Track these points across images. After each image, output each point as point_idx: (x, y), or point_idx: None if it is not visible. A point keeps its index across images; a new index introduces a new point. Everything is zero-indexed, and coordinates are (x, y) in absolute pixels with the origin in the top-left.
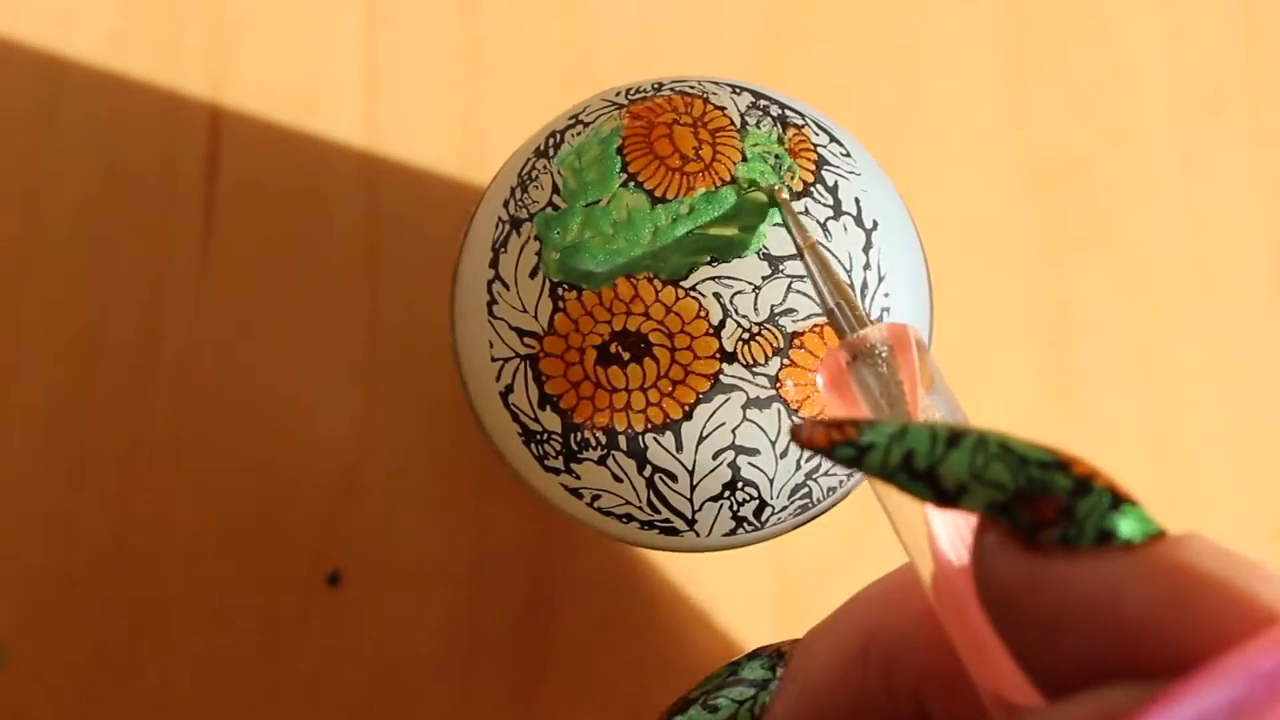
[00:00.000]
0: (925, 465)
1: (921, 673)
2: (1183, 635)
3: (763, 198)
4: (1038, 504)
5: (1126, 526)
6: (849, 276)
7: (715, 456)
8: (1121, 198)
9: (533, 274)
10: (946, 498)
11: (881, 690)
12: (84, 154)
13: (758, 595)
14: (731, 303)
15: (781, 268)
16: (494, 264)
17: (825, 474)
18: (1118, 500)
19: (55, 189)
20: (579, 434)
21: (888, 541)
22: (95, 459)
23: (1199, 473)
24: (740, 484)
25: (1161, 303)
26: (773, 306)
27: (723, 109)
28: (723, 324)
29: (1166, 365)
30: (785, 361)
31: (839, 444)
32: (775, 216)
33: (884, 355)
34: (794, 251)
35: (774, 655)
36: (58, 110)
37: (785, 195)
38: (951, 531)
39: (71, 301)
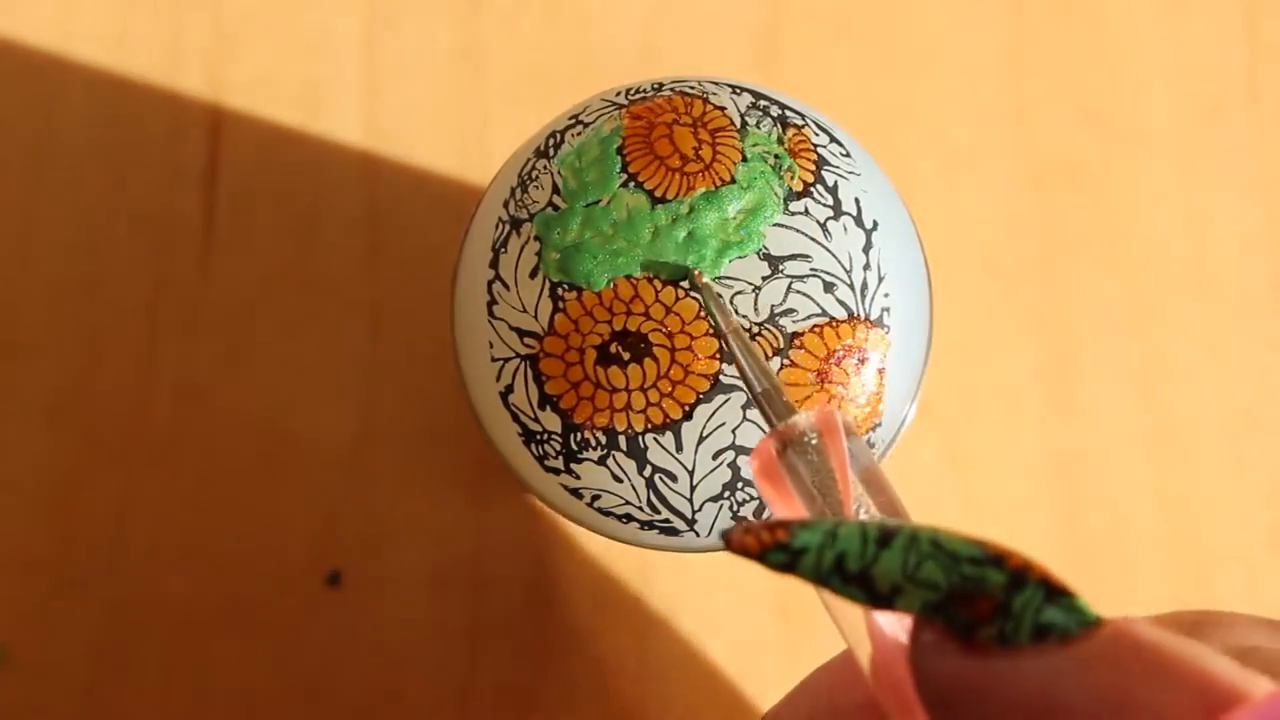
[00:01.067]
0: (858, 568)
1: None
2: None
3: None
4: (972, 602)
5: (1062, 619)
6: (849, 277)
7: (715, 457)
8: (1121, 198)
9: (533, 274)
10: (881, 600)
11: None
12: (84, 154)
13: (758, 595)
14: (731, 303)
15: (781, 268)
16: (494, 264)
17: None
18: (1052, 592)
19: (55, 189)
20: (579, 434)
21: None
22: (95, 459)
23: (1199, 473)
24: (740, 484)
25: (1161, 303)
26: (773, 307)
27: (723, 109)
28: None
29: (1166, 365)
30: (785, 362)
31: (770, 548)
32: (776, 215)
33: (813, 443)
34: (795, 252)
35: None
36: (58, 110)
37: (705, 280)
38: (890, 615)
39: (71, 301)
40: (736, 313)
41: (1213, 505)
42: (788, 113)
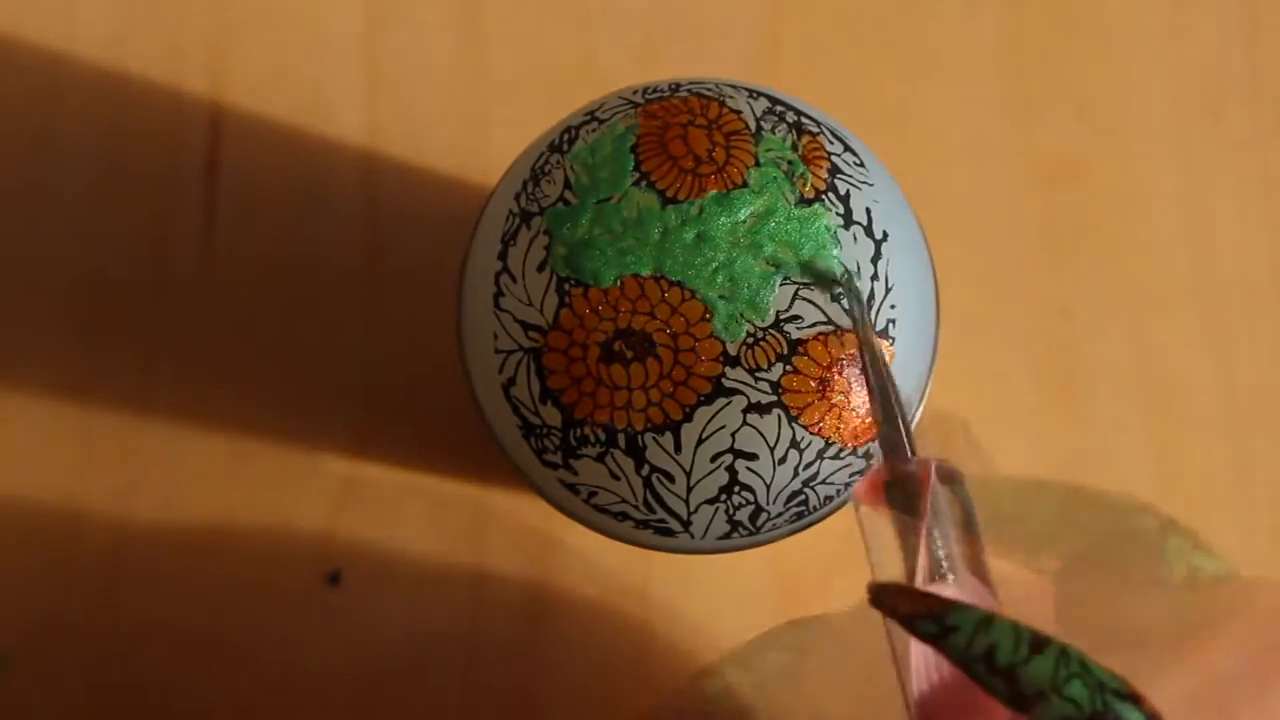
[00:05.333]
0: (1008, 663)
1: None
2: None
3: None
4: None
5: None
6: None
7: (713, 459)
8: (1121, 198)
9: (540, 268)
10: (1020, 700)
11: None
12: (85, 153)
13: (758, 596)
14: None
15: (789, 274)
16: (503, 256)
17: (822, 482)
18: None
19: (56, 188)
20: (578, 430)
21: None
22: (96, 460)
23: (1199, 473)
24: (737, 488)
25: (1161, 303)
26: (778, 313)
27: (739, 113)
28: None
29: (1166, 365)
30: (788, 368)
31: (923, 616)
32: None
33: (914, 490)
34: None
35: None
36: (59, 109)
37: (856, 283)
38: (926, 657)
39: (72, 301)
40: (741, 317)
41: (1213, 505)
42: (803, 119)
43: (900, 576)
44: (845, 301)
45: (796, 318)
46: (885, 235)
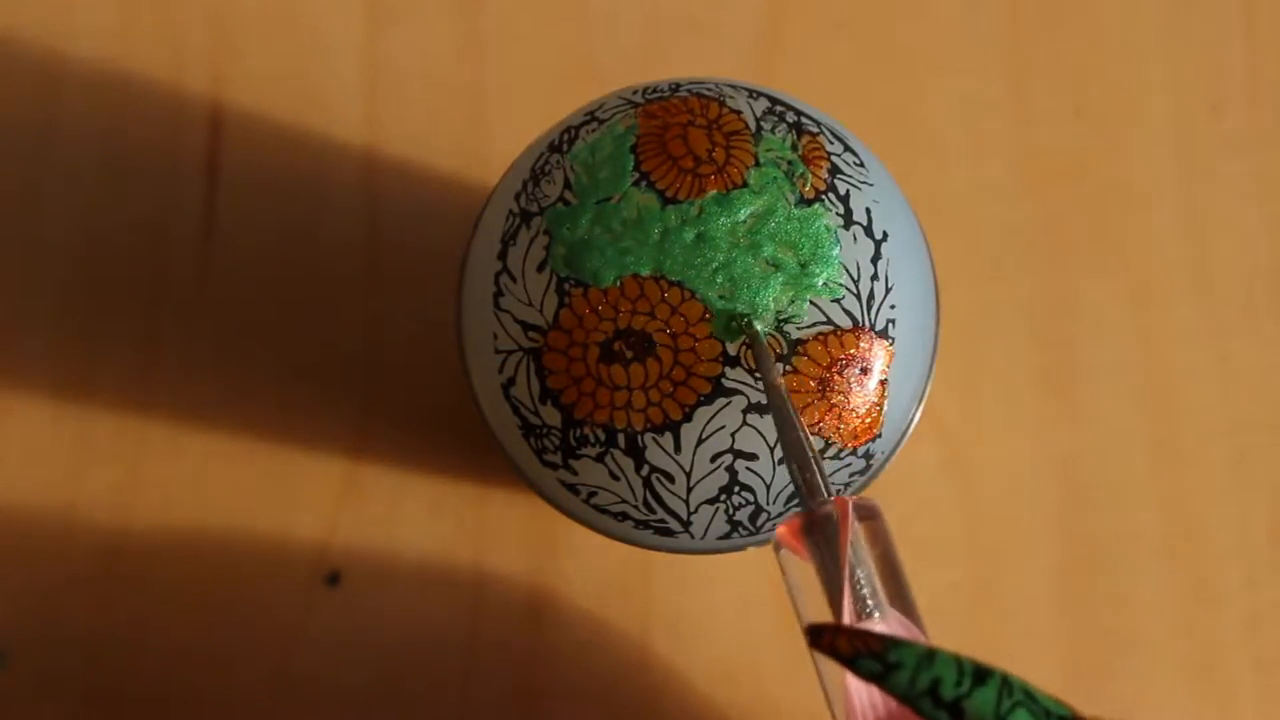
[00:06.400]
0: (952, 696)
1: None
2: None
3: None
4: None
5: None
6: (856, 287)
7: (713, 459)
8: (1121, 198)
9: (540, 268)
10: None
11: None
12: (85, 152)
13: (758, 596)
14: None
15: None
16: (502, 256)
17: None
18: None
19: (56, 187)
20: (578, 430)
21: None
22: (95, 460)
23: (1199, 473)
24: (737, 488)
25: (1161, 303)
26: (778, 313)
27: (738, 113)
28: None
29: (1166, 365)
30: (788, 369)
31: (863, 655)
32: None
33: (833, 529)
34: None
35: None
36: (59, 108)
37: (759, 328)
38: (864, 696)
39: (72, 300)
40: (742, 319)
41: (1213, 505)
42: (803, 119)
43: (825, 617)
44: (748, 343)
45: (796, 317)
46: (885, 235)
